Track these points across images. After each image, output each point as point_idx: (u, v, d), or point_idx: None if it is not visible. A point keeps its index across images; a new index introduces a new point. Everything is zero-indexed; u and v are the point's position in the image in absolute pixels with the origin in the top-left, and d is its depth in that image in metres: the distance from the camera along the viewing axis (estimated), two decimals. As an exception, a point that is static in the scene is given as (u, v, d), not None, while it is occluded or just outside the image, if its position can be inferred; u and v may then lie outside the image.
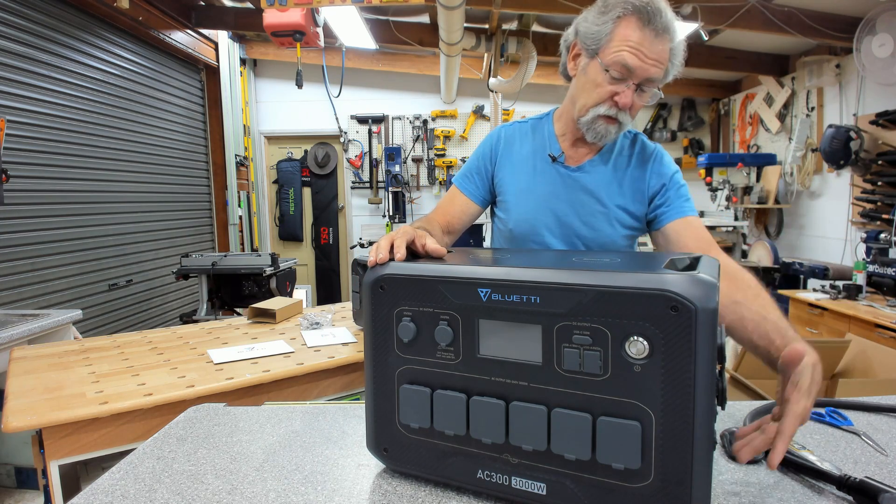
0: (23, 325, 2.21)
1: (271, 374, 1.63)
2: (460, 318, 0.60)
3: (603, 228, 1.17)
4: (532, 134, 1.25)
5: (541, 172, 1.20)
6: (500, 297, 0.57)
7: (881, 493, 0.58)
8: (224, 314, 3.49)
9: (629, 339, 0.51)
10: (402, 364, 0.64)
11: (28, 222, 2.98)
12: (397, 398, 0.64)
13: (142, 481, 0.69)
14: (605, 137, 1.11)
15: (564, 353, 0.54)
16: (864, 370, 2.30)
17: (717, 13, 3.63)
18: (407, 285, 0.62)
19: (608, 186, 1.17)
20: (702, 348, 0.49)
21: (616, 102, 1.05)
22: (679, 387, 0.50)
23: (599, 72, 1.05)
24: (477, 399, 0.59)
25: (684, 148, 5.85)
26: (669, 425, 0.50)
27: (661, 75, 1.04)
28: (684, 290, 0.49)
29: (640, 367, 0.51)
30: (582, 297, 0.53)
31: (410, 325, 0.62)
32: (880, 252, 3.16)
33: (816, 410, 0.86)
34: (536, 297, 0.55)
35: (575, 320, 0.53)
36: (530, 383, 0.57)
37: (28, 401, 1.40)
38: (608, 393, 0.53)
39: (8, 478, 2.40)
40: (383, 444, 0.67)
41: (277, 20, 3.05)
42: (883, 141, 3.61)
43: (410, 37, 4.61)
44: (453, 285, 0.60)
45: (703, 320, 0.48)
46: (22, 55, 2.92)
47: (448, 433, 0.61)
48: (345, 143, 5.84)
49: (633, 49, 1.01)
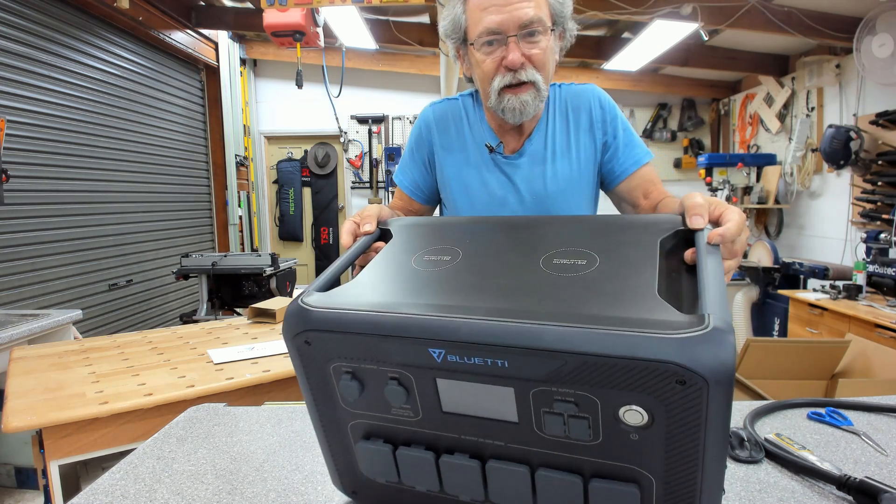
0: (23, 325, 2.21)
1: (271, 374, 1.63)
2: (413, 377, 0.47)
3: (562, 210, 1.07)
4: (466, 119, 1.11)
5: (483, 167, 1.09)
6: (457, 359, 0.44)
7: (881, 493, 0.58)
8: (224, 314, 3.49)
9: (623, 408, 0.41)
10: (352, 418, 0.53)
11: (28, 222, 2.98)
12: (356, 452, 0.55)
13: (142, 481, 0.69)
14: (523, 110, 0.98)
15: (545, 418, 0.44)
16: (864, 370, 2.30)
17: (717, 13, 3.63)
18: (337, 341, 0.48)
19: (555, 160, 1.06)
20: (714, 421, 0.39)
21: (506, 66, 0.95)
22: (685, 455, 0.41)
23: (476, 51, 0.97)
24: (447, 460, 0.49)
25: (684, 148, 5.85)
26: (672, 489, 0.43)
27: (536, 11, 0.93)
28: (693, 361, 0.37)
29: (637, 436, 0.42)
30: (560, 364, 0.41)
31: (352, 383, 0.49)
32: (880, 252, 3.16)
33: (816, 410, 0.86)
34: (504, 361, 0.43)
35: (555, 387, 0.42)
36: (507, 443, 0.47)
37: (28, 401, 1.40)
38: (600, 457, 0.44)
39: (8, 478, 2.40)
40: (351, 488, 0.59)
41: (277, 20, 3.05)
42: (883, 141, 3.62)
43: (410, 37, 4.61)
44: (397, 343, 0.46)
45: (717, 394, 0.37)
46: (22, 55, 2.92)
47: (420, 489, 0.53)
48: (345, 143, 5.84)
49: (485, 9, 0.93)
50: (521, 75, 0.95)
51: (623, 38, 4.61)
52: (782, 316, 3.58)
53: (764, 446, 0.72)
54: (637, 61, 4.74)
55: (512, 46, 0.94)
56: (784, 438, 0.76)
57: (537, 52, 0.95)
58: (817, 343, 2.49)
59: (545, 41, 0.95)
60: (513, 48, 0.93)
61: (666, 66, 5.05)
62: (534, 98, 0.97)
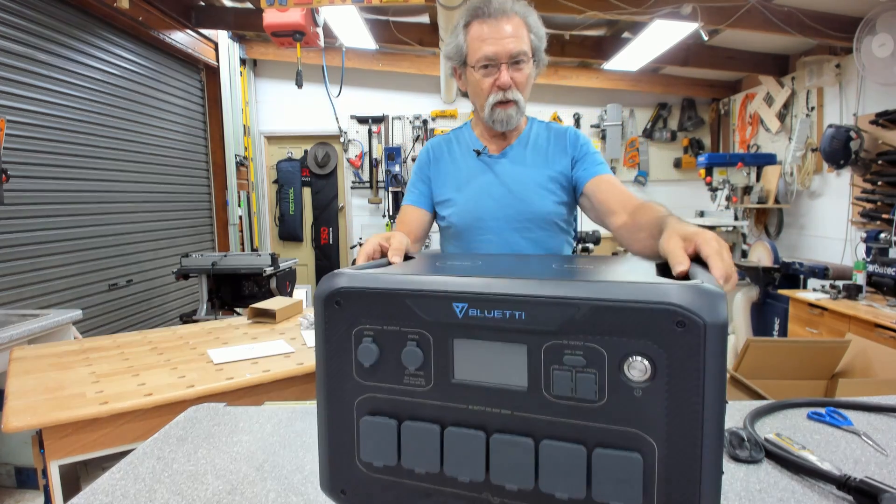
0: (23, 325, 2.21)
1: (271, 374, 1.63)
2: (432, 337, 0.52)
3: (537, 201, 1.28)
4: (456, 140, 1.40)
5: (471, 167, 1.34)
6: (478, 312, 0.49)
7: (881, 493, 0.58)
8: (224, 314, 3.49)
9: (629, 359, 0.45)
10: (362, 392, 0.55)
11: (28, 222, 2.98)
12: (357, 432, 0.56)
13: (142, 481, 0.69)
14: (508, 121, 1.25)
15: (554, 375, 0.47)
16: (864, 370, 2.30)
17: (717, 13, 3.63)
18: (368, 300, 0.53)
19: (533, 162, 1.31)
20: (711, 368, 0.43)
21: (498, 86, 1.21)
22: (685, 413, 0.44)
23: (474, 73, 1.24)
24: (452, 431, 0.51)
25: (684, 148, 5.85)
26: (674, 457, 0.45)
27: (521, 46, 1.19)
28: (691, 304, 0.43)
29: (641, 392, 0.45)
30: (574, 311, 0.46)
31: (372, 346, 0.53)
32: (880, 252, 3.16)
33: (816, 410, 0.86)
34: (521, 313, 0.48)
35: (566, 339, 0.47)
36: (514, 411, 0.50)
37: (28, 401, 1.40)
38: (605, 421, 0.47)
39: (8, 478, 2.40)
40: (340, 486, 0.58)
41: (277, 20, 3.05)
42: (883, 141, 3.62)
43: (410, 37, 4.61)
44: (424, 300, 0.51)
45: (713, 337, 0.43)
46: (22, 55, 2.92)
47: (418, 471, 0.54)
48: (345, 143, 5.84)
49: (484, 40, 1.19)
50: (508, 94, 1.22)
51: (623, 38, 4.61)
52: (782, 316, 3.58)
53: (764, 446, 0.72)
54: (637, 61, 4.74)
55: (503, 71, 1.20)
56: (784, 438, 0.76)
57: (520, 77, 1.22)
58: (817, 343, 2.49)
59: (527, 68, 1.22)
60: (504, 72, 1.20)
61: (666, 65, 5.05)
62: (516, 112, 1.25)
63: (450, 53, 1.28)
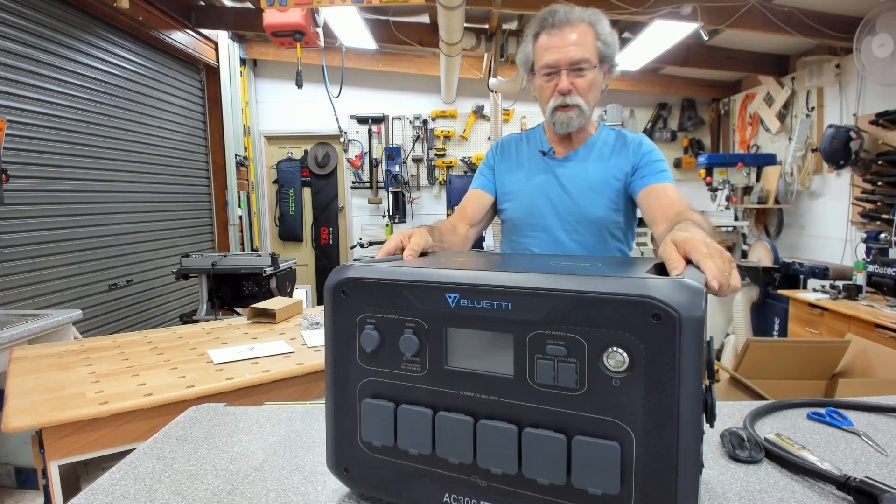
0: (23, 325, 2.21)
1: (271, 374, 1.63)
2: (427, 326, 0.56)
3: (589, 205, 1.32)
4: (526, 140, 1.46)
5: (534, 165, 1.40)
6: (468, 302, 0.53)
7: (881, 493, 0.58)
8: (224, 314, 3.49)
9: (607, 350, 0.47)
10: (364, 376, 0.60)
11: (28, 222, 2.98)
12: (359, 413, 0.60)
13: (142, 481, 0.69)
14: (568, 123, 1.30)
15: (538, 364, 0.50)
16: (864, 370, 2.30)
17: (717, 13, 3.63)
18: (370, 290, 0.58)
19: (594, 168, 1.34)
20: (687, 361, 0.45)
21: (558, 91, 1.27)
22: (662, 404, 0.46)
23: (538, 79, 1.31)
24: (444, 415, 0.55)
25: (684, 148, 5.85)
26: (651, 446, 0.46)
27: (584, 53, 1.24)
28: (667, 297, 0.45)
29: (619, 382, 0.47)
30: (557, 302, 0.49)
31: (374, 333, 0.58)
32: (880, 252, 3.16)
33: (816, 410, 0.86)
34: (508, 303, 0.51)
35: (549, 329, 0.50)
36: (501, 398, 0.53)
37: (28, 401, 1.40)
38: (584, 409, 0.49)
39: (8, 478, 2.40)
40: (344, 464, 0.62)
41: (277, 20, 3.05)
42: (883, 141, 3.62)
43: (410, 37, 4.61)
44: (420, 290, 0.55)
45: (689, 330, 0.44)
46: (22, 55, 2.92)
47: (413, 452, 0.57)
48: (345, 143, 5.84)
49: (547, 49, 1.26)
50: (568, 99, 1.27)
51: (623, 38, 4.61)
52: (782, 316, 3.58)
53: (764, 446, 0.72)
54: (637, 61, 4.73)
55: (563, 77, 1.25)
56: (784, 438, 0.76)
57: (581, 83, 1.27)
58: (817, 343, 2.49)
59: (591, 75, 1.26)
60: (563, 78, 1.25)
61: (666, 65, 5.05)
62: (577, 115, 1.29)
63: (521, 61, 1.36)
